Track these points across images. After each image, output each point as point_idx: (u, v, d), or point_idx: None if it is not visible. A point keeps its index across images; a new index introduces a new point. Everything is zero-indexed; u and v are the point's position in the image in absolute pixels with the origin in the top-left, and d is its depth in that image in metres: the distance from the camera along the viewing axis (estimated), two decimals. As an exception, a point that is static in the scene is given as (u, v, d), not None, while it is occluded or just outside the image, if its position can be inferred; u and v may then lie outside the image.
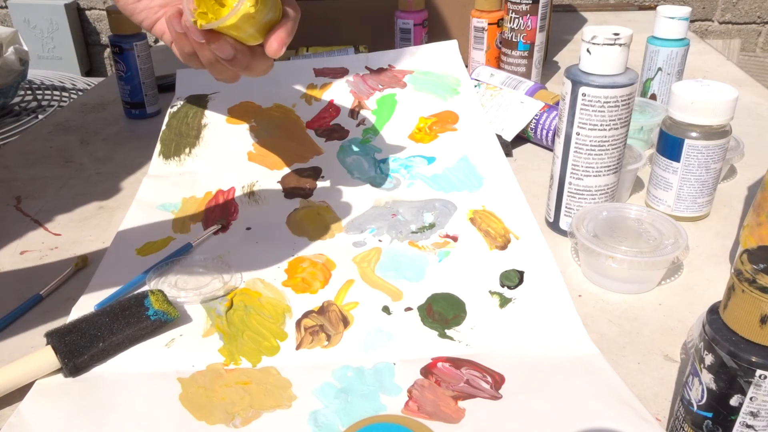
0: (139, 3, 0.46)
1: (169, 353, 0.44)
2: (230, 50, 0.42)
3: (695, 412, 0.33)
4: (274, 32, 0.43)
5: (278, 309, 0.48)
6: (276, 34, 0.43)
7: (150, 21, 0.47)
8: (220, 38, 0.42)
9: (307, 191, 0.63)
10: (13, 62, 1.32)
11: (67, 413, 0.39)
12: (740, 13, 1.90)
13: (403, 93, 0.72)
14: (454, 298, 0.49)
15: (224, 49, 0.42)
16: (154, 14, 0.47)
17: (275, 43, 0.43)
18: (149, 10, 0.47)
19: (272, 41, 0.43)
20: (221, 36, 0.42)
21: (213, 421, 0.39)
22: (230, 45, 0.42)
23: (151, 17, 0.47)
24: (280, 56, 0.43)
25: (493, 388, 0.41)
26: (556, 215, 0.56)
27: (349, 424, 0.38)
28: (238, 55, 0.42)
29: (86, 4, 2.11)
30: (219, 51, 0.42)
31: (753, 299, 0.29)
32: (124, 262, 0.53)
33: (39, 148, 0.75)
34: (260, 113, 0.70)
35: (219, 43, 0.42)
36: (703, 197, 0.56)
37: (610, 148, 0.51)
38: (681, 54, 0.71)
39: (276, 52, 0.43)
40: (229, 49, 0.42)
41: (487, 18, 0.83)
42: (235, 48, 0.42)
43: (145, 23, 0.47)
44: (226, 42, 0.42)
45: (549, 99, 0.71)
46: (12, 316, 0.47)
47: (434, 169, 0.64)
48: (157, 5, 0.46)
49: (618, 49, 0.49)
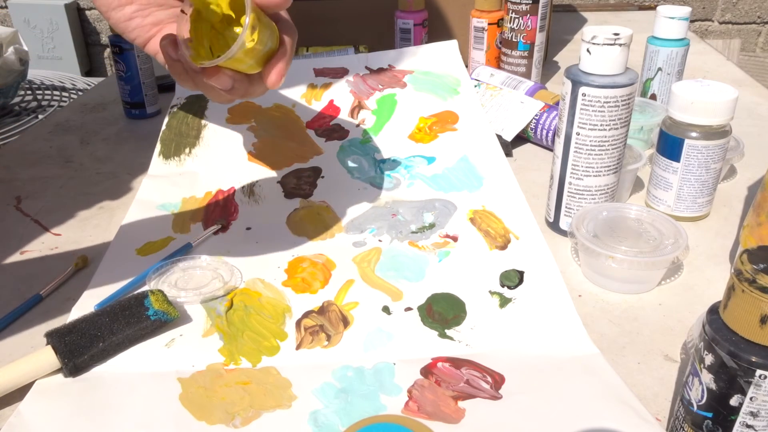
0: (130, 21, 0.45)
1: (169, 353, 0.44)
2: (228, 82, 0.41)
3: (695, 412, 0.33)
4: (273, 64, 0.42)
5: (278, 309, 0.48)
6: (275, 67, 0.42)
7: (143, 39, 0.46)
8: (218, 71, 0.41)
9: (307, 191, 0.63)
10: (13, 62, 1.32)
11: (67, 413, 0.39)
12: (740, 13, 1.90)
13: (403, 93, 0.72)
14: (454, 298, 0.49)
15: (223, 81, 0.41)
16: (146, 33, 0.45)
17: (274, 76, 0.42)
18: (141, 28, 0.45)
19: (272, 74, 0.42)
20: (219, 69, 0.41)
21: (213, 421, 0.39)
22: (228, 77, 0.41)
23: (144, 36, 0.46)
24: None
25: (493, 388, 0.41)
26: (556, 215, 0.56)
27: (349, 424, 0.38)
28: (236, 84, 0.41)
29: (86, 4, 2.11)
30: (217, 83, 0.41)
31: (753, 299, 0.29)
32: (124, 262, 0.53)
33: (39, 148, 0.75)
34: (260, 113, 0.70)
35: (218, 77, 0.41)
36: (703, 197, 0.56)
37: (610, 148, 0.51)
38: (681, 54, 0.71)
39: (275, 84, 0.42)
40: (228, 80, 0.41)
41: (487, 18, 0.83)
42: (233, 78, 0.41)
43: (138, 41, 0.46)
44: (224, 74, 0.41)
45: (549, 99, 0.71)
46: (12, 316, 0.47)
47: (434, 169, 0.64)
48: (150, 24, 0.45)
49: (618, 49, 0.49)
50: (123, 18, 0.45)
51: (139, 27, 0.45)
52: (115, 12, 0.45)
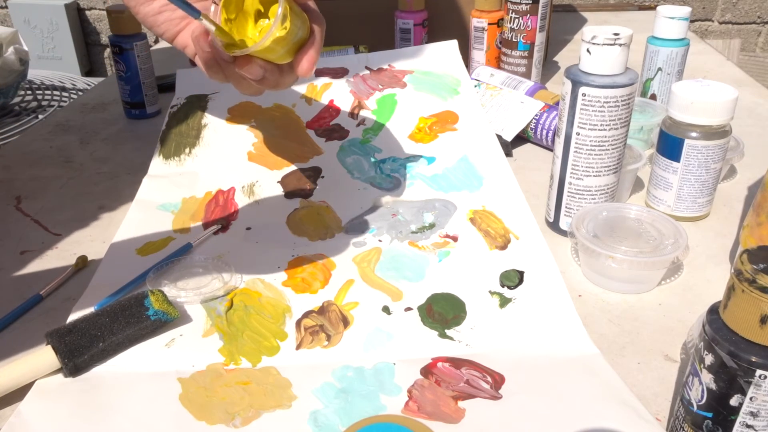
0: (159, 15, 0.45)
1: (169, 353, 0.44)
2: (260, 71, 0.41)
3: (695, 412, 0.33)
4: (304, 52, 0.42)
5: (278, 309, 0.48)
6: (306, 54, 0.42)
7: (171, 33, 0.46)
8: (250, 61, 0.41)
9: (307, 191, 0.63)
10: (13, 62, 1.32)
11: (67, 413, 0.39)
12: (740, 13, 1.90)
13: (403, 93, 0.72)
14: (454, 298, 0.49)
15: (254, 71, 0.41)
16: (175, 26, 0.46)
17: (306, 64, 0.42)
18: (170, 22, 0.46)
19: (303, 62, 0.42)
20: (251, 58, 0.41)
21: (213, 421, 0.39)
22: (260, 66, 0.41)
23: (173, 29, 0.46)
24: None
25: (493, 388, 0.41)
26: (556, 215, 0.56)
27: (349, 424, 0.38)
28: (267, 74, 0.41)
29: (86, 4, 2.11)
30: (248, 73, 0.41)
31: (753, 299, 0.29)
32: (124, 262, 0.53)
33: (39, 148, 0.75)
34: (260, 113, 0.70)
35: (249, 66, 0.41)
36: (703, 197, 0.56)
37: (610, 148, 0.51)
38: (681, 54, 0.71)
39: (307, 72, 0.42)
40: (259, 70, 0.41)
41: (487, 18, 0.83)
42: (264, 68, 0.41)
43: (167, 35, 0.46)
44: (255, 64, 0.41)
45: (549, 99, 0.71)
46: (12, 316, 0.47)
47: (434, 169, 0.64)
48: (179, 17, 0.45)
49: (618, 49, 0.49)
50: (152, 12, 0.45)
51: (168, 21, 0.45)
52: (143, 6, 0.45)
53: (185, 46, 0.46)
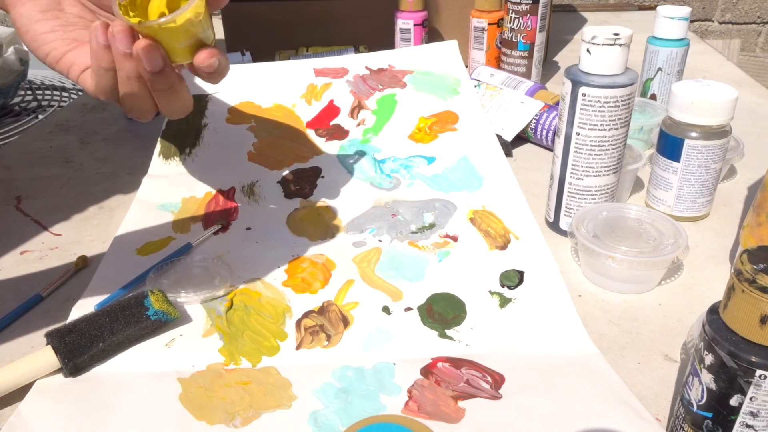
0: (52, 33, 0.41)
1: (169, 353, 0.44)
2: (160, 61, 0.38)
3: (695, 412, 0.33)
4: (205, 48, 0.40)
5: (278, 309, 0.48)
6: (207, 48, 0.40)
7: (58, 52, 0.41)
8: (153, 48, 0.38)
9: (307, 191, 0.63)
10: (13, 62, 1.32)
11: (67, 413, 0.39)
12: (740, 13, 1.90)
13: (403, 93, 0.72)
14: (454, 298, 0.49)
15: (154, 58, 0.38)
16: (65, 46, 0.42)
17: (204, 53, 0.39)
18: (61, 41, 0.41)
19: (201, 52, 0.39)
20: (154, 44, 0.38)
21: (213, 421, 0.39)
22: (161, 55, 0.38)
23: (60, 49, 0.41)
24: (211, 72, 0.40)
25: (493, 388, 0.41)
26: (556, 215, 0.56)
27: (349, 424, 0.38)
28: (166, 69, 0.38)
29: (86, 4, 2.11)
30: (148, 60, 0.38)
31: (753, 299, 0.29)
32: (124, 262, 0.53)
33: (39, 148, 0.75)
34: (260, 113, 0.70)
35: (150, 51, 0.37)
36: (703, 197, 0.56)
37: (610, 148, 0.51)
38: (681, 54, 0.71)
39: (203, 61, 0.39)
40: (159, 59, 0.38)
41: (487, 18, 0.83)
42: (165, 61, 0.38)
43: (52, 54, 0.41)
44: (157, 51, 0.38)
45: (549, 99, 0.71)
46: (12, 316, 0.47)
47: (434, 169, 0.64)
48: (70, 38, 0.42)
49: (618, 49, 0.49)
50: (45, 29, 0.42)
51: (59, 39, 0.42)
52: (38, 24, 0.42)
53: (71, 65, 0.42)
